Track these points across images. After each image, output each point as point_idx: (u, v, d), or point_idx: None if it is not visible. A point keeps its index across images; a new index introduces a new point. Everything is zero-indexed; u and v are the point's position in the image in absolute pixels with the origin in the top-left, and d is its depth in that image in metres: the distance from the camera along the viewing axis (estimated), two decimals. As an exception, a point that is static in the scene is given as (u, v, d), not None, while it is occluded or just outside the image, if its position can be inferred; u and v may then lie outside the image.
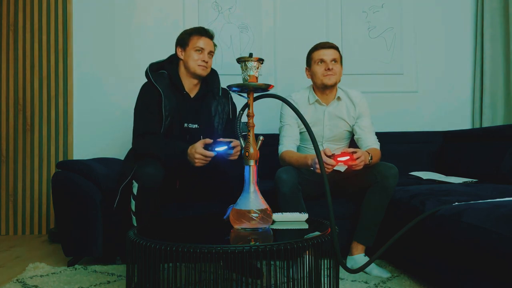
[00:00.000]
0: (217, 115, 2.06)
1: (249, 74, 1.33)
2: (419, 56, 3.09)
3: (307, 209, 1.86)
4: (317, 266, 1.28)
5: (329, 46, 2.09)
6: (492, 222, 1.24)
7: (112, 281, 1.84)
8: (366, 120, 2.12)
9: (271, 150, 2.21)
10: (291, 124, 2.10)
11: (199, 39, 2.00)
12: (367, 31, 3.07)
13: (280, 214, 1.50)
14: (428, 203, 1.67)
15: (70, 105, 2.96)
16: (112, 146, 2.93)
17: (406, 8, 3.08)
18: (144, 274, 1.22)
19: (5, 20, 2.96)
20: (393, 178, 1.85)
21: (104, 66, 2.97)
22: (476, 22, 3.08)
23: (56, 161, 2.96)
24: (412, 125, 3.07)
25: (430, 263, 1.58)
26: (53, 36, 2.97)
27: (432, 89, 3.11)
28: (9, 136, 2.96)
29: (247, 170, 1.34)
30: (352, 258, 1.94)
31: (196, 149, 1.74)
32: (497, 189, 1.87)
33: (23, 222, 2.96)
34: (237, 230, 1.31)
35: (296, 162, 1.94)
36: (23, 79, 2.96)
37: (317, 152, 1.32)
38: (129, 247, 1.23)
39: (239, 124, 1.40)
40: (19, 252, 2.41)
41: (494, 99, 2.96)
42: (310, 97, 2.15)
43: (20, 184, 2.96)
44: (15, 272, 1.99)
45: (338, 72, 2.08)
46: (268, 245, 1.09)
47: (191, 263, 1.09)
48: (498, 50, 2.96)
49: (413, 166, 2.71)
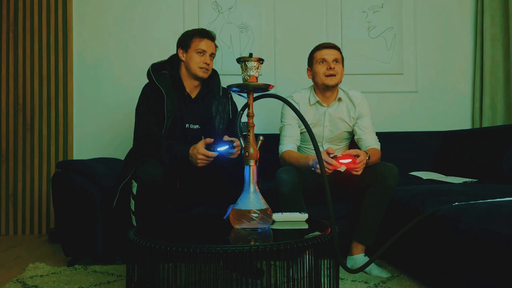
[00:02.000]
0: (217, 115, 2.06)
1: (249, 74, 1.33)
2: (419, 56, 3.09)
3: (307, 209, 1.86)
4: (317, 266, 1.28)
5: (332, 46, 2.09)
6: (492, 222, 1.24)
7: (112, 281, 1.84)
8: (366, 120, 2.12)
9: (271, 150, 2.21)
10: (292, 124, 2.10)
11: (201, 41, 2.00)
12: (367, 31, 3.07)
13: (280, 214, 1.50)
14: (428, 203, 1.67)
15: (70, 105, 2.96)
16: (112, 146, 2.93)
17: (406, 8, 3.08)
18: (144, 274, 1.22)
19: (5, 21, 2.96)
20: (393, 178, 1.85)
21: (104, 66, 2.97)
22: (476, 22, 3.08)
23: (56, 161, 2.96)
24: (412, 125, 3.07)
25: (430, 263, 1.58)
26: (53, 36, 2.97)
27: (432, 89, 3.11)
28: (9, 136, 2.96)
29: (247, 170, 1.34)
30: (352, 258, 1.94)
31: (198, 149, 1.74)
32: (497, 189, 1.87)
33: (23, 222, 2.96)
34: (237, 230, 1.31)
35: (297, 162, 1.94)
36: (23, 79, 2.96)
37: (317, 153, 1.32)
38: (129, 247, 1.23)
39: (239, 124, 1.40)
40: (19, 252, 2.41)
41: (494, 99, 2.96)
42: (311, 97, 2.15)
43: (20, 184, 2.96)
44: (15, 272, 1.99)
45: (340, 72, 2.08)
46: (268, 245, 1.09)
47: (191, 263, 1.09)
48: (498, 50, 2.96)
49: (413, 166, 2.71)
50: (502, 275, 1.16)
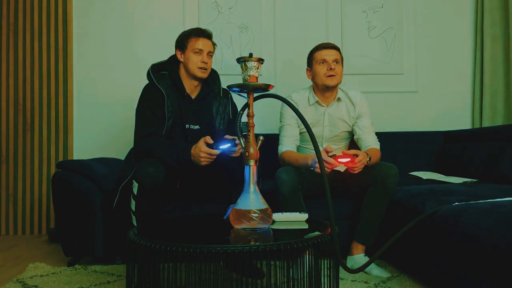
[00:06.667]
0: (218, 115, 2.06)
1: (249, 74, 1.33)
2: (419, 56, 3.09)
3: (307, 209, 1.86)
4: (317, 266, 1.28)
5: (331, 47, 2.09)
6: (492, 222, 1.24)
7: (112, 281, 1.84)
8: (365, 120, 2.12)
9: (271, 150, 2.21)
10: (291, 124, 2.10)
11: (197, 40, 2.00)
12: (367, 31, 3.07)
13: (280, 214, 1.50)
14: (428, 203, 1.67)
15: (70, 105, 2.96)
16: (112, 146, 2.93)
17: (406, 8, 3.08)
18: (144, 274, 1.22)
19: (5, 20, 2.96)
20: (393, 178, 1.85)
21: (104, 66, 2.97)
22: (476, 22, 3.08)
23: (56, 161, 2.96)
24: (412, 125, 3.07)
25: (430, 263, 1.58)
26: (53, 36, 2.97)
27: (432, 89, 3.11)
28: (9, 136, 2.96)
29: (247, 170, 1.34)
30: (352, 258, 1.94)
31: (201, 148, 1.74)
32: (497, 189, 1.87)
33: (23, 222, 2.96)
34: (237, 230, 1.31)
35: (296, 162, 1.94)
36: (23, 79, 2.96)
37: (317, 152, 1.32)
38: (129, 247, 1.23)
39: (239, 124, 1.40)
40: (19, 252, 2.41)
41: (494, 99, 2.96)
42: (310, 98, 2.15)
43: (20, 184, 2.96)
44: (15, 272, 1.99)
45: (340, 73, 2.08)
46: (268, 245, 1.09)
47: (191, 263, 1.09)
48: (498, 50, 2.96)
49: (413, 166, 2.71)
50: (502, 275, 1.16)
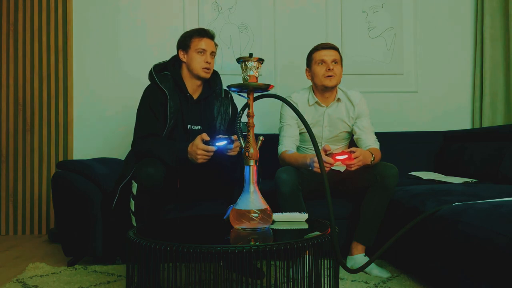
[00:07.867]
0: (219, 116, 2.06)
1: (249, 74, 1.33)
2: (419, 56, 3.09)
3: (307, 209, 1.86)
4: (317, 266, 1.28)
5: (330, 47, 2.09)
6: (492, 222, 1.24)
7: (112, 281, 1.84)
8: (365, 120, 2.12)
9: (271, 150, 2.21)
10: (291, 124, 2.10)
11: (200, 40, 2.00)
12: (367, 31, 3.07)
13: (280, 214, 1.50)
14: (428, 203, 1.67)
15: (70, 105, 2.96)
16: (112, 146, 2.93)
17: (406, 8, 3.08)
18: (144, 274, 1.22)
19: (5, 20, 2.96)
20: (393, 178, 1.85)
21: (104, 66, 2.97)
22: (476, 22, 3.08)
23: (56, 161, 2.96)
24: (412, 125, 3.07)
25: (430, 263, 1.58)
26: (53, 36, 2.97)
27: (432, 89, 3.11)
28: (9, 136, 2.96)
29: (247, 170, 1.34)
30: (352, 258, 1.94)
31: (197, 145, 1.74)
32: (497, 189, 1.86)
33: (23, 222, 2.96)
34: (237, 230, 1.31)
35: (296, 162, 1.94)
36: (23, 79, 2.96)
37: (317, 152, 1.32)
38: (129, 247, 1.23)
39: (239, 124, 1.40)
40: (19, 252, 2.41)
41: (494, 99, 2.96)
42: (310, 98, 2.15)
43: (20, 184, 2.96)
44: (15, 272, 1.99)
45: (339, 73, 2.08)
46: (268, 245, 1.09)
47: (191, 263, 1.09)
48: (498, 50, 2.96)
49: (413, 166, 2.71)
50: (502, 275, 1.16)
